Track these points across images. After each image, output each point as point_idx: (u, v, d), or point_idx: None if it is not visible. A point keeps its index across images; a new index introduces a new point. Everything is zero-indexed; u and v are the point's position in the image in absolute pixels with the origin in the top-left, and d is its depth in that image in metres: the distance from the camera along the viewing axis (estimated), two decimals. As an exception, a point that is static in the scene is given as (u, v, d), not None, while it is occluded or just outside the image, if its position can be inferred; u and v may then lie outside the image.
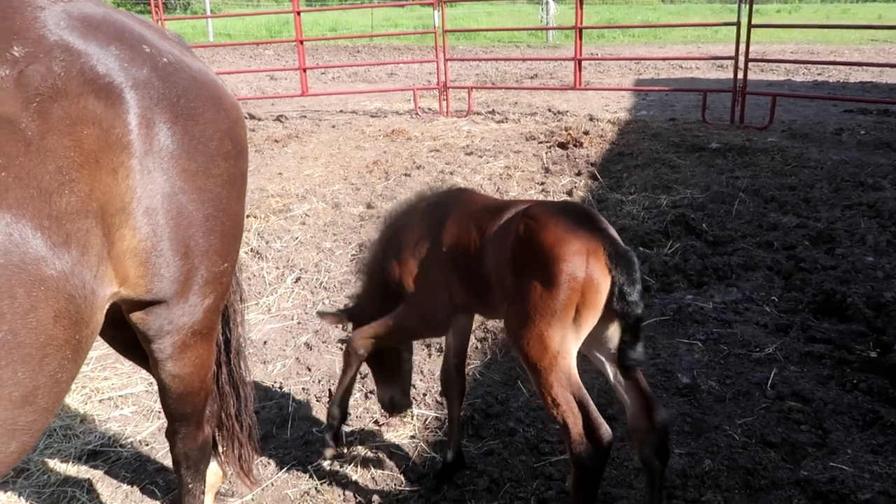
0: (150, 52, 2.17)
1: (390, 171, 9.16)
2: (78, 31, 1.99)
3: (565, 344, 2.54)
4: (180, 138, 2.20)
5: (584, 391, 2.58)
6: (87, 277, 1.91)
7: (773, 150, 9.39)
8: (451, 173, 8.82)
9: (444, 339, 3.50)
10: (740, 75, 11.34)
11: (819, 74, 16.82)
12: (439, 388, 4.26)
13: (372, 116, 13.22)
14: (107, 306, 2.09)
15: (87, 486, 3.62)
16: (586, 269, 2.46)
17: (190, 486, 2.85)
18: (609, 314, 2.54)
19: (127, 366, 4.70)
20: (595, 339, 2.67)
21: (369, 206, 7.72)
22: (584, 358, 2.75)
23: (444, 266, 3.06)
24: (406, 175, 8.87)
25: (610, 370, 2.74)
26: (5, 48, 1.85)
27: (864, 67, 16.79)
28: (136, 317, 2.33)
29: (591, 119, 11.76)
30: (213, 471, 3.23)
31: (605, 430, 2.54)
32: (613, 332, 2.63)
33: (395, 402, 3.64)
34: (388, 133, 11.38)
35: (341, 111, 13.92)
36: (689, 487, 3.32)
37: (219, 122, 2.35)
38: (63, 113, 1.91)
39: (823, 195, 7.48)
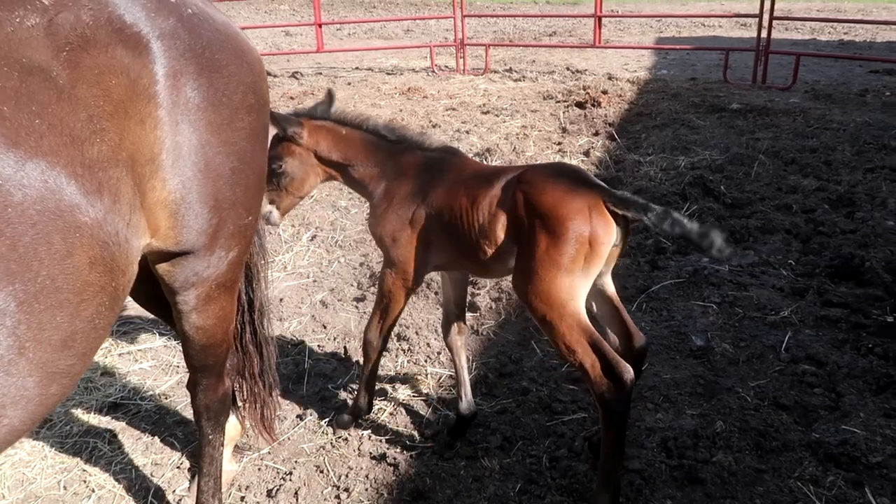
0: (175, 2, 2.18)
1: (406, 129, 9.10)
2: None
3: (573, 292, 2.72)
4: (206, 91, 2.21)
5: (598, 334, 2.73)
6: (119, 226, 1.94)
7: (795, 111, 9.24)
8: (468, 132, 8.75)
9: (442, 291, 3.64)
10: (764, 34, 11.10)
11: (845, 33, 16.43)
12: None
13: (388, 74, 13.09)
14: (139, 257, 2.13)
15: (109, 438, 3.71)
16: (591, 223, 2.66)
17: (210, 437, 2.91)
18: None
19: (146, 320, 4.76)
20: None
21: (385, 165, 7.69)
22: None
23: (430, 226, 3.16)
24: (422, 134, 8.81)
25: (594, 303, 2.99)
26: None
27: (893, 26, 16.35)
28: (163, 268, 2.37)
29: (609, 78, 11.59)
30: (233, 424, 3.30)
31: (625, 367, 2.68)
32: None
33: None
34: (405, 91, 11.28)
35: (357, 68, 13.80)
36: (700, 448, 3.34)
37: (242, 75, 2.36)
38: (92, 62, 1.92)
39: (845, 158, 7.37)
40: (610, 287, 2.97)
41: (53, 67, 1.84)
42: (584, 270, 2.70)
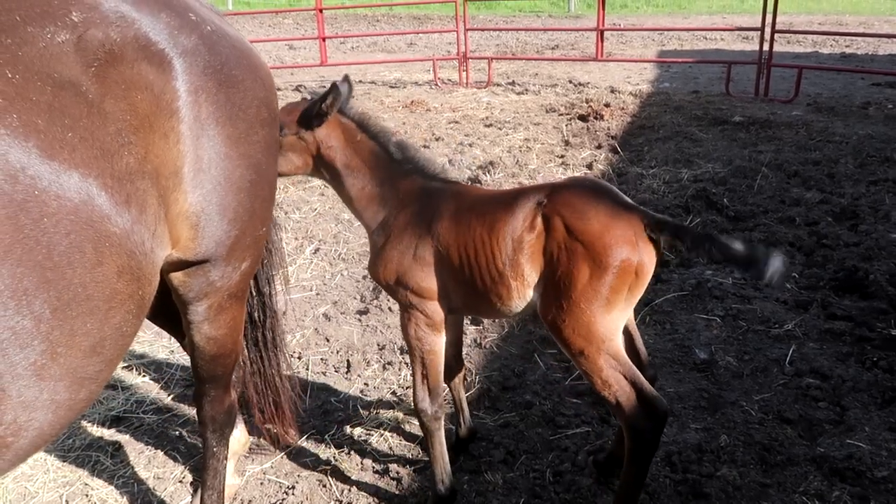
0: (195, 20, 2.24)
1: (409, 142, 9.13)
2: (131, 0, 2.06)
3: (615, 325, 2.59)
4: (224, 105, 2.28)
5: (633, 366, 2.63)
6: (145, 236, 2.00)
7: (798, 123, 9.25)
8: (470, 145, 8.78)
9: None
10: (766, 47, 11.14)
11: (847, 46, 16.46)
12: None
13: (391, 87, 13.15)
14: (160, 267, 2.18)
15: (111, 451, 3.70)
16: (638, 252, 2.50)
17: (214, 449, 2.91)
18: None
19: (149, 333, 4.77)
20: None
21: (388, 178, 7.71)
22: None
23: (438, 264, 2.83)
24: (425, 146, 8.83)
25: None
26: (65, 13, 1.91)
27: (895, 39, 16.39)
28: (178, 279, 2.42)
29: (612, 91, 11.62)
30: (237, 437, 3.29)
31: (660, 400, 2.62)
32: None
33: None
34: (408, 104, 11.32)
35: (360, 81, 13.86)
36: (704, 462, 3.33)
37: (256, 89, 2.43)
38: (119, 77, 1.98)
39: (848, 170, 7.37)
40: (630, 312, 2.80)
41: (83, 82, 1.89)
42: (627, 301, 2.57)
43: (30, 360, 1.66)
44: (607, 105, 10.34)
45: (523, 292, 2.70)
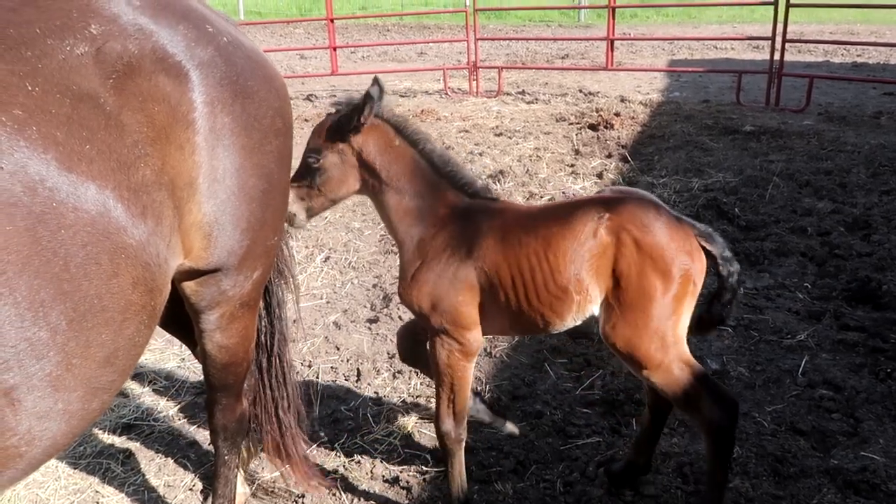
0: (212, 31, 2.27)
1: (419, 151, 9.14)
2: (149, 12, 2.08)
3: (682, 335, 2.62)
4: (239, 116, 2.30)
5: (700, 366, 2.66)
6: (161, 247, 2.02)
7: (809, 133, 9.21)
8: (481, 154, 8.79)
9: None
10: (777, 56, 11.11)
11: (858, 56, 16.40)
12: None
13: (401, 96, 13.18)
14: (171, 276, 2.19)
15: (122, 459, 3.71)
16: (693, 262, 2.57)
17: (226, 457, 2.92)
18: None
19: (160, 341, 4.78)
20: None
21: (398, 187, 7.72)
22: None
23: (482, 287, 2.72)
24: (435, 156, 8.85)
25: None
26: (84, 26, 1.93)
27: (906, 49, 16.31)
28: (190, 287, 2.43)
29: (622, 100, 11.62)
30: (247, 446, 3.29)
31: (729, 393, 2.67)
32: None
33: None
34: (418, 113, 11.35)
35: (371, 91, 13.88)
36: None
37: (271, 100, 2.45)
38: (137, 90, 2.00)
39: (860, 180, 7.33)
40: None
41: (101, 94, 1.91)
42: (688, 310, 2.62)
43: (45, 370, 1.68)
44: (617, 114, 10.33)
45: (585, 308, 2.66)
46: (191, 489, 3.49)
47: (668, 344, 2.58)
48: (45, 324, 1.66)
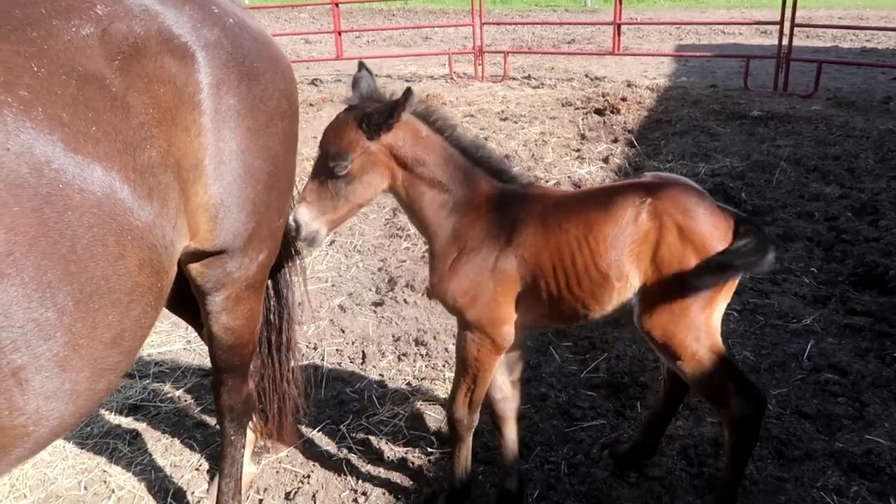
0: (218, 12, 2.26)
1: (425, 135, 9.12)
2: None
3: (717, 324, 2.58)
4: (245, 98, 2.29)
5: (729, 357, 2.63)
6: (167, 229, 2.01)
7: (817, 118, 9.15)
8: (486, 139, 8.75)
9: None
10: (785, 41, 11.02)
11: (868, 41, 16.26)
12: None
13: (407, 81, 13.12)
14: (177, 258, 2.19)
15: (129, 439, 3.73)
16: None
17: (232, 437, 2.93)
18: None
19: (166, 323, 4.80)
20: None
21: (403, 171, 7.71)
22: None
23: (521, 276, 2.60)
24: (440, 140, 8.83)
25: None
26: (90, 6, 1.93)
27: (916, 34, 16.17)
28: (195, 269, 2.43)
29: (629, 85, 11.55)
30: (252, 426, 3.31)
31: (757, 386, 2.63)
32: None
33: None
34: (423, 98, 11.30)
35: (376, 75, 13.76)
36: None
37: (277, 82, 2.43)
38: (142, 71, 2.00)
39: (868, 165, 7.29)
40: None
41: (107, 76, 1.90)
42: (725, 299, 2.57)
43: (52, 351, 1.68)
44: (624, 99, 10.28)
45: (624, 294, 2.57)
46: (197, 469, 3.51)
47: (703, 334, 2.52)
48: (52, 305, 1.67)
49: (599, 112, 9.72)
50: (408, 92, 2.47)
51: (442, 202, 2.65)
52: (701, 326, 2.51)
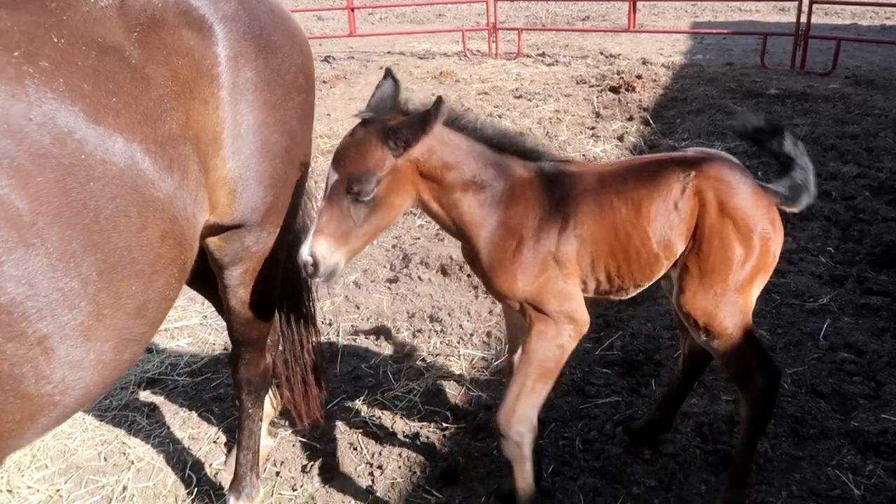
0: None
1: (438, 113, 9.09)
2: None
3: (753, 303, 2.57)
4: (263, 71, 2.28)
5: (755, 334, 2.64)
6: (187, 202, 2.02)
7: (835, 97, 9.03)
8: (500, 116, 8.71)
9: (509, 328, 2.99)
10: (803, 18, 10.86)
11: (888, 18, 16.00)
12: (486, 329, 4.31)
13: (420, 58, 13.05)
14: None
15: (147, 412, 3.78)
16: (774, 231, 2.48)
17: (250, 410, 2.96)
18: None
19: (182, 299, 4.83)
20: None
21: (417, 149, 7.69)
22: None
23: (579, 257, 2.49)
24: (454, 118, 8.79)
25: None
26: None
27: (938, 11, 15.89)
28: (214, 243, 2.44)
29: (644, 63, 11.43)
30: (269, 400, 3.34)
31: (774, 361, 2.67)
32: None
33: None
34: (436, 75, 11.25)
35: (389, 52, 13.76)
36: (735, 433, 3.31)
37: (294, 55, 2.43)
38: (161, 43, 2.00)
39: (887, 144, 7.20)
40: None
41: (126, 47, 1.91)
42: (764, 278, 2.54)
43: (77, 320, 1.70)
44: (639, 77, 10.18)
45: (660, 273, 2.54)
46: (215, 442, 3.55)
47: (740, 315, 2.50)
48: (77, 274, 1.68)
49: (614, 90, 9.63)
50: (439, 101, 2.22)
51: (480, 202, 2.45)
52: (739, 306, 2.50)
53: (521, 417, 2.52)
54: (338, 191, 2.29)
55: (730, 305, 2.48)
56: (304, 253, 2.29)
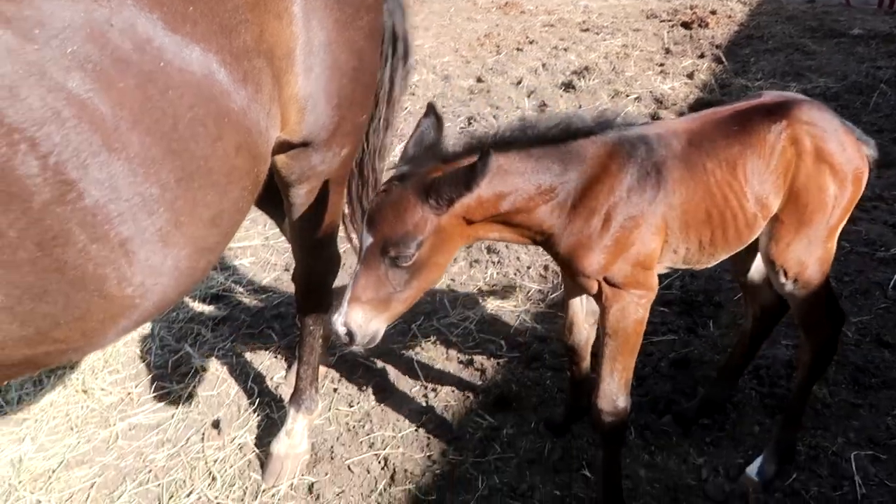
0: None
1: (502, 44, 8.88)
2: None
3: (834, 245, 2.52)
4: None
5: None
6: (261, 115, 2.03)
7: (925, 39, 8.50)
8: (566, 50, 8.47)
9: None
10: (897, -47, 10.15)
11: None
12: (543, 263, 4.30)
13: (484, -13, 12.70)
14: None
15: (211, 325, 3.92)
16: (864, 166, 2.42)
17: (311, 327, 3.03)
18: None
19: (246, 220, 4.91)
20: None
21: (479, 80, 7.56)
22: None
23: (670, 227, 2.30)
24: (518, 50, 8.59)
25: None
26: None
27: None
28: (281, 161, 2.47)
29: (719, -3, 10.90)
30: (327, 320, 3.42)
31: (839, 305, 2.67)
32: None
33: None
34: (502, 5, 10.95)
35: (453, -19, 13.43)
36: (793, 378, 3.26)
37: None
38: None
39: (977, 91, 6.78)
40: None
41: None
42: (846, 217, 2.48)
43: (156, 226, 1.75)
44: (713, 12, 9.73)
45: (755, 231, 2.43)
46: (275, 357, 3.67)
47: (827, 261, 2.45)
48: (156, 180, 1.72)
49: (686, 25, 9.24)
50: (486, 154, 1.94)
51: (554, 205, 2.21)
52: (828, 252, 2.46)
53: (618, 391, 2.41)
54: (374, 254, 2.08)
55: (821, 252, 2.43)
56: (339, 323, 2.10)
